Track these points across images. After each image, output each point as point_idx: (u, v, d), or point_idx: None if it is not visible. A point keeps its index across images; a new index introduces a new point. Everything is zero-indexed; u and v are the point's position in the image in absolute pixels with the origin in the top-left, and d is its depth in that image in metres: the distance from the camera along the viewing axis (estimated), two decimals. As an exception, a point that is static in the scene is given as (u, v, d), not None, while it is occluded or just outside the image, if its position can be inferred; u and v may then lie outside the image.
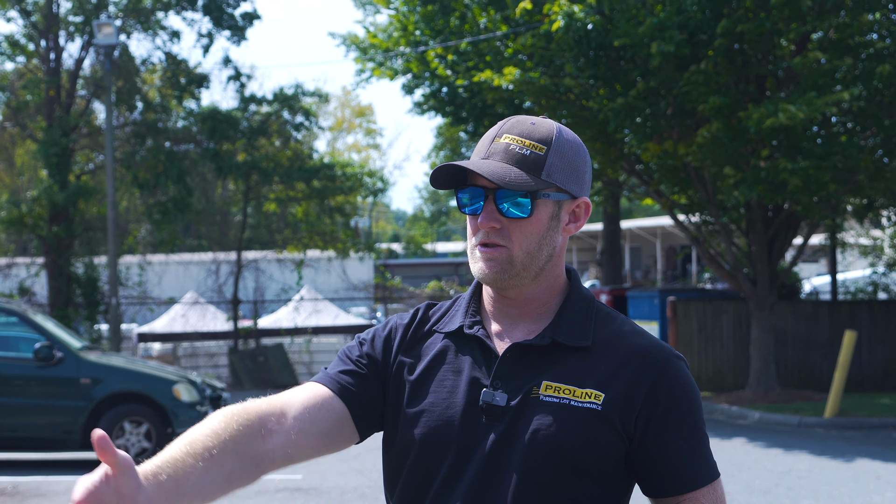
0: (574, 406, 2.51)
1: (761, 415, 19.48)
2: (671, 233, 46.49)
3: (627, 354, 2.56)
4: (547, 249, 2.59)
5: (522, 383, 2.54)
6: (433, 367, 2.62)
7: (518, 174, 2.53)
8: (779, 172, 18.73)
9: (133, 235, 32.33)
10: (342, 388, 2.62)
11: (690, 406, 2.57)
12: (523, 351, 2.57)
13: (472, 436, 2.54)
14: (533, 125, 2.59)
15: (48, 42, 28.35)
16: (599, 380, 2.53)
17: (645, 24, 18.72)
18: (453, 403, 2.56)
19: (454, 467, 2.54)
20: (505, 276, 2.56)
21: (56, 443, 14.72)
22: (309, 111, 30.30)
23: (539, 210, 2.57)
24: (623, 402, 2.51)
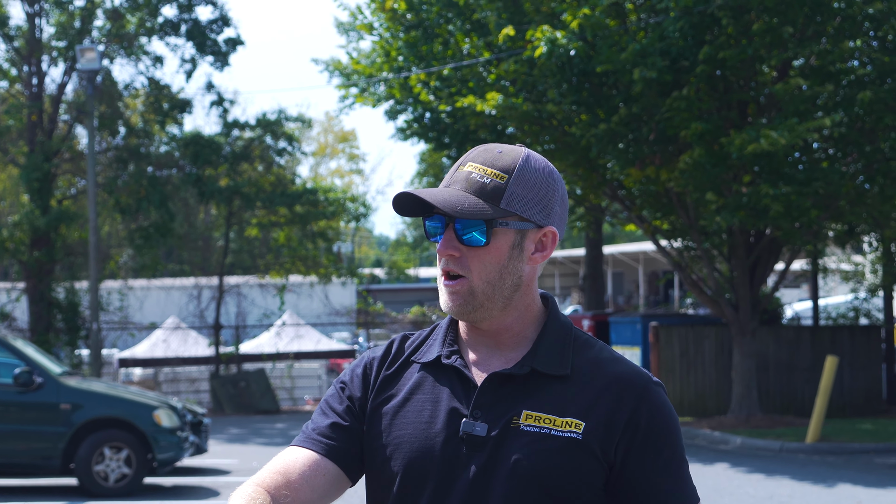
0: (555, 435, 2.50)
1: (743, 440, 19.47)
2: (653, 258, 46.57)
3: (607, 382, 2.55)
4: (511, 279, 2.56)
5: (502, 413, 2.53)
6: (411, 398, 2.61)
7: (474, 202, 2.51)
8: (761, 198, 18.78)
9: (115, 260, 32.20)
10: (328, 449, 2.62)
11: (670, 432, 2.56)
12: (502, 380, 2.56)
13: (452, 467, 2.52)
14: (500, 153, 2.57)
15: (31, 67, 28.31)
16: (580, 408, 2.52)
17: (627, 50, 18.78)
18: (432, 434, 2.55)
19: (435, 499, 2.52)
20: (468, 308, 2.55)
21: (35, 469, 14.63)
22: (292, 136, 30.30)
23: (498, 239, 2.54)
24: (603, 429, 2.51)
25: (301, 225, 29.98)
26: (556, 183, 2.61)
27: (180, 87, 43.33)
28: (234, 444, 20.24)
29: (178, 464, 15.20)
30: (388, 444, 2.59)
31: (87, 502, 13.91)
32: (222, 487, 14.91)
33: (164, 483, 15.70)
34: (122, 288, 31.17)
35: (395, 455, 2.57)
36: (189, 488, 14.97)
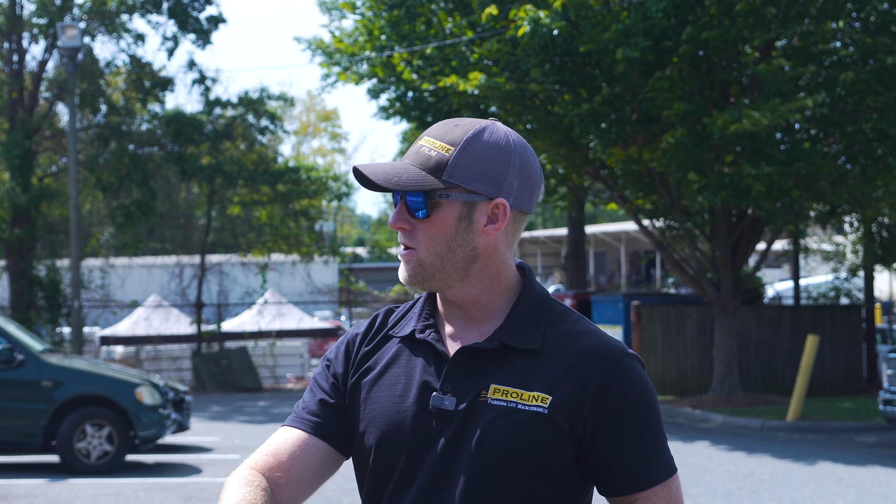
0: (521, 409, 2.49)
1: (724, 418, 19.56)
2: (635, 238, 46.67)
3: (577, 355, 2.54)
4: (462, 251, 2.55)
5: (471, 387, 2.53)
6: (386, 372, 2.63)
7: (415, 175, 2.53)
8: (743, 178, 18.83)
9: (96, 238, 32.13)
10: (316, 427, 2.66)
11: (642, 405, 2.53)
12: (472, 354, 2.56)
13: (422, 440, 2.54)
14: (455, 126, 2.57)
15: (11, 44, 28.17)
16: (547, 382, 2.51)
17: (610, 30, 18.79)
18: (404, 408, 2.56)
19: (406, 471, 2.55)
20: (419, 279, 2.57)
21: (17, 446, 14.61)
22: (274, 115, 30.23)
23: (441, 211, 2.54)
24: (571, 404, 2.49)
25: (283, 203, 29.95)
26: (511, 154, 2.57)
27: (162, 64, 43.18)
28: (216, 422, 20.25)
29: (160, 441, 15.21)
30: (364, 417, 2.61)
31: (69, 479, 13.91)
32: (204, 464, 14.93)
33: (147, 460, 15.71)
34: (103, 266, 31.11)
35: (370, 428, 2.59)
36: (171, 465, 14.98)
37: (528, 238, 58.28)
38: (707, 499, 12.26)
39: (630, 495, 2.54)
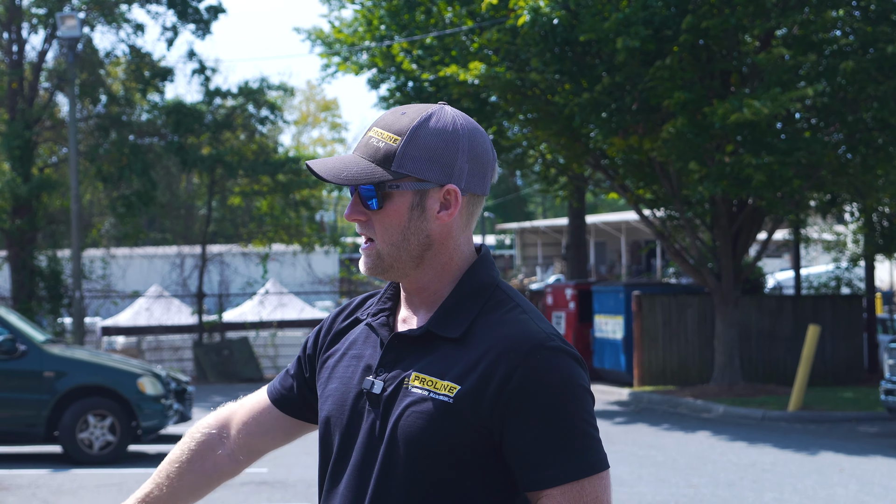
0: (432, 398, 2.49)
1: (726, 408, 19.58)
2: (636, 228, 46.67)
3: (491, 345, 2.50)
4: (416, 239, 2.57)
5: (399, 373, 2.56)
6: (346, 354, 2.69)
7: (364, 167, 2.55)
8: (743, 168, 18.83)
9: (97, 229, 32.12)
10: (275, 393, 2.90)
11: (553, 398, 2.44)
12: (405, 340, 2.59)
13: (356, 422, 2.59)
14: (402, 115, 2.58)
15: (10, 34, 28.15)
16: (460, 371, 2.49)
17: (610, 19, 18.77)
18: (349, 389, 2.63)
19: (340, 453, 2.62)
20: (378, 270, 2.60)
21: (19, 436, 14.63)
22: (274, 105, 30.21)
23: (394, 202, 2.55)
24: (475, 394, 2.46)
25: (283, 194, 29.93)
26: (458, 140, 2.58)
27: (162, 55, 43.20)
28: (217, 413, 20.26)
29: (162, 431, 15.21)
30: (322, 396, 2.70)
31: (71, 469, 13.93)
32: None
33: (149, 450, 15.73)
34: (104, 256, 31.10)
35: (323, 407, 2.68)
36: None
37: (529, 228, 58.29)
38: (709, 489, 12.28)
39: (536, 492, 2.46)
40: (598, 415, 19.50)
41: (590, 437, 2.46)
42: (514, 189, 68.60)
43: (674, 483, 12.60)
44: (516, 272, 53.85)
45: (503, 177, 68.76)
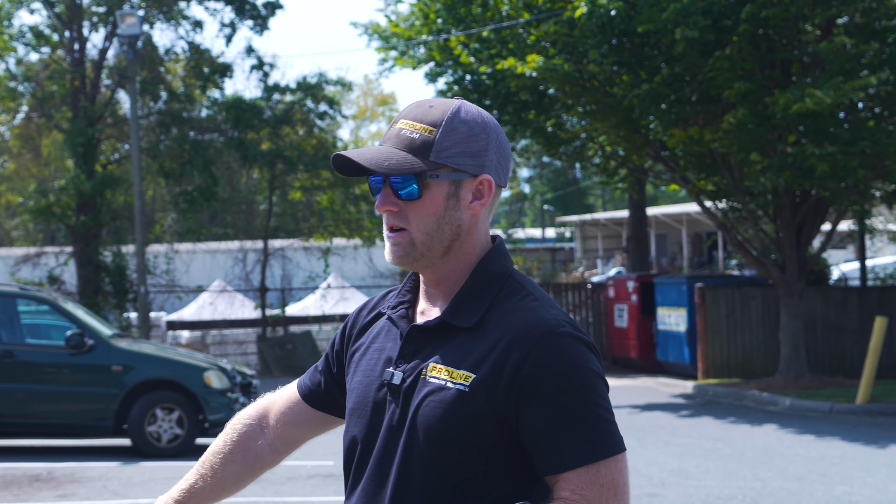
0: (448, 387, 2.55)
1: (792, 401, 19.42)
2: (697, 219, 46.38)
3: (504, 333, 2.55)
4: (449, 228, 2.63)
5: (418, 363, 2.62)
6: (371, 346, 2.76)
7: (403, 158, 2.59)
8: (806, 158, 18.67)
9: (160, 224, 32.41)
10: (304, 389, 2.98)
11: (566, 381, 2.49)
12: (423, 332, 2.65)
13: (379, 413, 2.66)
14: (430, 108, 2.65)
15: (72, 32, 28.44)
16: (474, 360, 2.55)
17: (669, 9, 18.66)
18: (372, 381, 2.69)
19: (364, 445, 2.68)
20: (409, 259, 2.64)
21: (89, 430, 14.82)
22: (332, 100, 30.31)
23: (431, 191, 2.61)
24: (490, 381, 2.51)
25: (344, 188, 30.03)
26: (489, 132, 2.65)
27: (220, 51, 43.46)
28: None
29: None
30: (349, 389, 2.77)
31: (141, 462, 14.08)
32: (272, 448, 15.05)
33: (214, 444, 15.85)
34: (167, 251, 31.36)
35: (349, 399, 2.75)
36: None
37: (589, 220, 58.10)
38: (777, 482, 12.21)
39: (553, 476, 2.51)
40: (662, 407, 19.46)
41: (604, 420, 2.53)
42: (573, 181, 68.43)
43: (741, 476, 12.54)
44: (577, 265, 53.72)
45: (562, 169, 68.64)
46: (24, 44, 28.77)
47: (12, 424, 14.76)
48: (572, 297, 27.72)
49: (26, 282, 27.96)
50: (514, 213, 76.51)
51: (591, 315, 27.46)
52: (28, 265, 29.83)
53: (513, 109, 23.39)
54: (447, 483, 2.55)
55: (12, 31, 28.45)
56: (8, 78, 28.80)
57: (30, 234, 37.24)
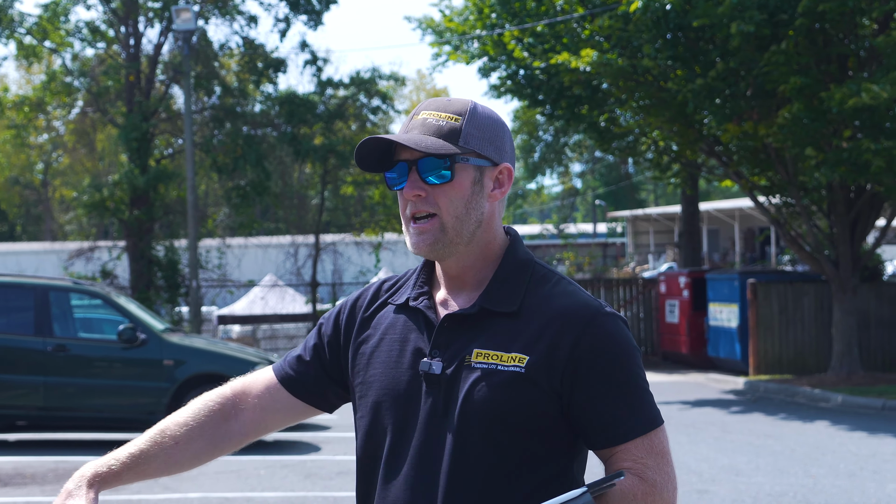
0: (500, 370, 2.62)
1: (844, 398, 19.25)
2: (749, 214, 46.11)
3: (552, 316, 2.66)
4: (475, 214, 2.70)
5: (457, 352, 2.67)
6: (384, 339, 2.78)
7: (435, 140, 2.66)
8: (861, 153, 18.49)
9: (212, 219, 32.59)
10: (285, 377, 2.94)
11: (617, 359, 2.64)
12: (458, 320, 2.70)
13: (413, 404, 2.68)
14: (449, 101, 2.74)
15: (128, 28, 28.66)
16: (524, 343, 2.64)
17: (724, 4, 18.53)
18: (398, 373, 2.72)
19: (399, 435, 2.69)
20: (439, 246, 2.69)
21: (140, 423, 14.87)
22: (385, 94, 30.36)
23: (460, 175, 2.68)
24: (546, 362, 2.62)
25: (395, 183, 30.04)
26: (504, 127, 2.79)
27: (274, 46, 43.60)
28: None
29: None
30: (365, 381, 2.78)
31: (190, 456, 14.14)
32: (322, 442, 15.10)
33: (267, 438, 15.91)
34: (220, 246, 31.53)
35: (368, 392, 2.76)
36: (291, 443, 15.17)
37: (641, 215, 57.88)
38: (829, 479, 12.10)
39: (610, 448, 2.65)
40: (713, 403, 19.35)
41: (649, 393, 2.70)
42: (625, 176, 68.18)
43: (792, 473, 12.44)
44: (628, 260, 53.53)
45: (615, 164, 68.42)
46: (80, 39, 29.03)
47: (64, 418, 14.88)
48: (623, 293, 27.60)
49: (79, 276, 28.22)
50: (565, 208, 76.40)
51: (642, 310, 27.34)
52: (81, 259, 30.09)
53: (566, 104, 23.32)
54: (505, 464, 2.63)
55: (69, 26, 28.72)
56: (64, 73, 29.07)
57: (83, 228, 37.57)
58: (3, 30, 27.98)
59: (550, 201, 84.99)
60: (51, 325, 14.95)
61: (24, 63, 33.98)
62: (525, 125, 55.13)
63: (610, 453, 2.65)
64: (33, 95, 29.47)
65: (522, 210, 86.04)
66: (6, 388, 14.78)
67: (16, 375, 14.79)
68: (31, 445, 15.30)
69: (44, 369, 14.72)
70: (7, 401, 14.78)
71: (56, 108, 31.44)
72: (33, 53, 28.91)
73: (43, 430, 15.48)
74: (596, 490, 2.52)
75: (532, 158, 61.11)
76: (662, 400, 19.37)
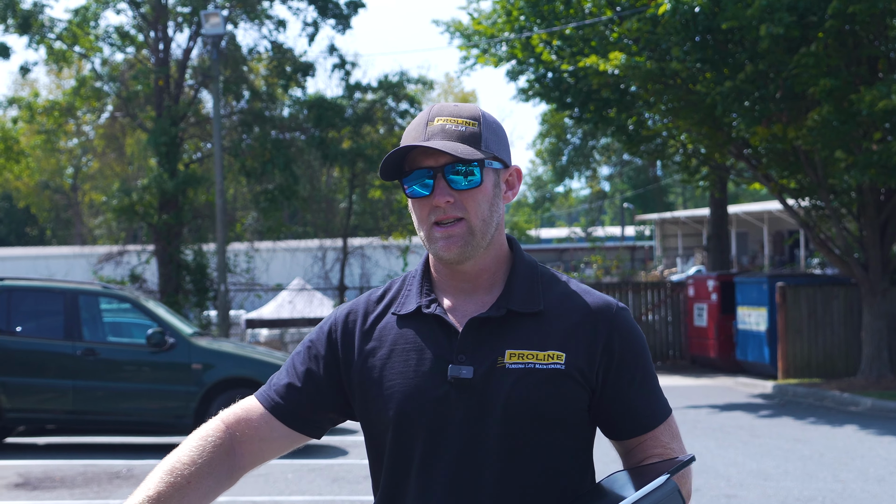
0: (539, 368, 2.67)
1: (874, 402, 19.14)
2: (778, 217, 45.92)
3: (581, 314, 2.74)
4: (496, 216, 2.75)
5: (486, 354, 2.68)
6: (395, 349, 2.75)
7: (465, 147, 2.69)
8: (891, 155, 18.41)
9: (240, 223, 32.68)
10: (276, 407, 2.86)
11: (640, 352, 2.78)
12: (482, 323, 2.71)
13: (443, 410, 2.67)
14: (458, 107, 2.77)
15: (157, 33, 28.78)
16: (558, 340, 2.70)
17: (753, 6, 18.47)
18: (421, 382, 2.69)
19: (431, 445, 2.67)
20: (468, 249, 2.71)
21: (168, 427, 14.93)
22: (413, 98, 30.37)
23: (485, 178, 2.73)
24: (584, 358, 2.70)
25: (423, 186, 30.05)
26: (504, 130, 2.85)
27: (303, 50, 43.75)
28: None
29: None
30: (381, 395, 2.73)
31: (218, 460, 14.17)
32: (350, 446, 15.11)
33: (293, 442, 15.92)
34: (248, 250, 31.60)
35: (388, 405, 2.71)
36: (318, 447, 15.19)
37: (669, 219, 57.72)
38: (858, 484, 12.03)
39: (639, 436, 2.78)
40: (741, 407, 19.28)
41: (657, 380, 2.84)
42: (654, 179, 68.00)
43: (821, 478, 12.37)
44: (656, 263, 53.40)
45: (643, 167, 68.26)
46: (110, 44, 29.17)
47: (93, 422, 14.93)
48: (651, 296, 27.53)
49: (109, 280, 28.35)
50: (594, 212, 76.24)
51: (671, 314, 27.27)
52: (110, 263, 30.22)
53: (594, 107, 23.30)
54: (551, 460, 2.70)
55: (98, 31, 28.86)
56: (93, 78, 29.21)
57: (112, 232, 37.71)
58: (34, 35, 28.13)
59: (578, 204, 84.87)
60: (80, 329, 15.02)
61: (55, 68, 34.19)
62: (553, 128, 55.08)
63: (638, 441, 2.78)
64: (63, 100, 29.61)
65: (550, 213, 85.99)
66: (36, 392, 14.86)
67: (45, 379, 14.87)
68: (60, 449, 15.37)
69: (73, 373, 14.79)
70: (37, 404, 14.87)
71: (86, 112, 31.56)
72: (63, 58, 29.05)
73: (72, 434, 15.55)
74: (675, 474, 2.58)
75: (560, 161, 61.05)
76: (691, 404, 19.32)
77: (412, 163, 2.72)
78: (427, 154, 2.70)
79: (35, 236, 64.20)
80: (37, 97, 30.19)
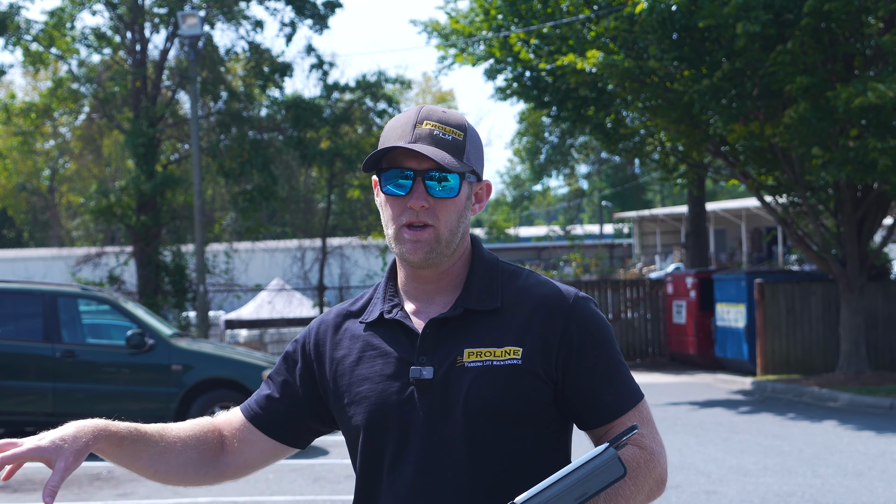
0: (497, 365, 2.69)
1: (852, 397, 19.24)
2: (756, 214, 46.09)
3: (535, 306, 2.76)
4: (463, 227, 2.79)
5: (446, 355, 2.72)
6: (363, 356, 2.80)
7: (451, 158, 2.72)
8: (868, 152, 18.48)
9: (219, 223, 32.61)
10: (256, 418, 2.94)
11: (602, 340, 2.76)
12: (441, 324, 2.75)
13: (408, 412, 2.71)
14: (446, 113, 2.79)
15: (134, 34, 28.69)
16: (514, 336, 2.72)
17: (730, 4, 18.54)
18: (386, 385, 2.74)
19: (399, 445, 2.71)
20: (433, 255, 2.74)
21: (149, 429, 14.89)
22: (391, 98, 30.36)
23: (461, 190, 2.77)
24: (540, 351, 2.71)
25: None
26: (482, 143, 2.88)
27: (280, 50, 43.68)
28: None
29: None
30: (351, 402, 2.79)
31: (199, 461, 14.16)
32: (331, 446, 15.11)
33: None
34: (227, 250, 31.55)
35: (357, 411, 2.77)
36: (298, 447, 15.18)
37: (648, 216, 57.85)
38: (837, 479, 12.09)
39: (606, 425, 2.76)
40: (720, 404, 19.34)
41: (628, 368, 2.82)
42: (632, 177, 68.12)
43: (800, 473, 12.43)
44: (635, 261, 53.49)
45: (621, 165, 68.38)
46: (87, 45, 29.07)
47: (74, 423, 14.88)
48: (630, 294, 27.59)
49: (87, 282, 28.25)
50: (572, 210, 76.33)
51: (650, 311, 27.33)
52: (89, 265, 30.13)
53: (572, 106, 23.35)
54: (523, 458, 2.71)
55: (75, 33, 28.76)
56: (70, 79, 29.11)
57: (90, 234, 37.62)
58: (10, 37, 28.02)
59: (557, 203, 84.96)
60: (59, 331, 14.99)
61: (31, 70, 34.09)
62: (531, 127, 55.12)
63: (605, 430, 2.76)
64: (40, 102, 29.50)
65: (529, 212, 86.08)
66: (15, 395, 14.83)
67: (25, 381, 14.85)
68: (40, 451, 15.30)
69: (52, 375, 14.77)
70: (16, 407, 14.84)
71: (62, 114, 31.44)
72: (40, 60, 28.94)
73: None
74: (616, 444, 2.59)
75: (538, 160, 61.09)
76: (670, 401, 19.38)
77: (393, 160, 2.75)
78: (410, 155, 2.72)
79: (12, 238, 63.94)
80: (13, 99, 30.07)
